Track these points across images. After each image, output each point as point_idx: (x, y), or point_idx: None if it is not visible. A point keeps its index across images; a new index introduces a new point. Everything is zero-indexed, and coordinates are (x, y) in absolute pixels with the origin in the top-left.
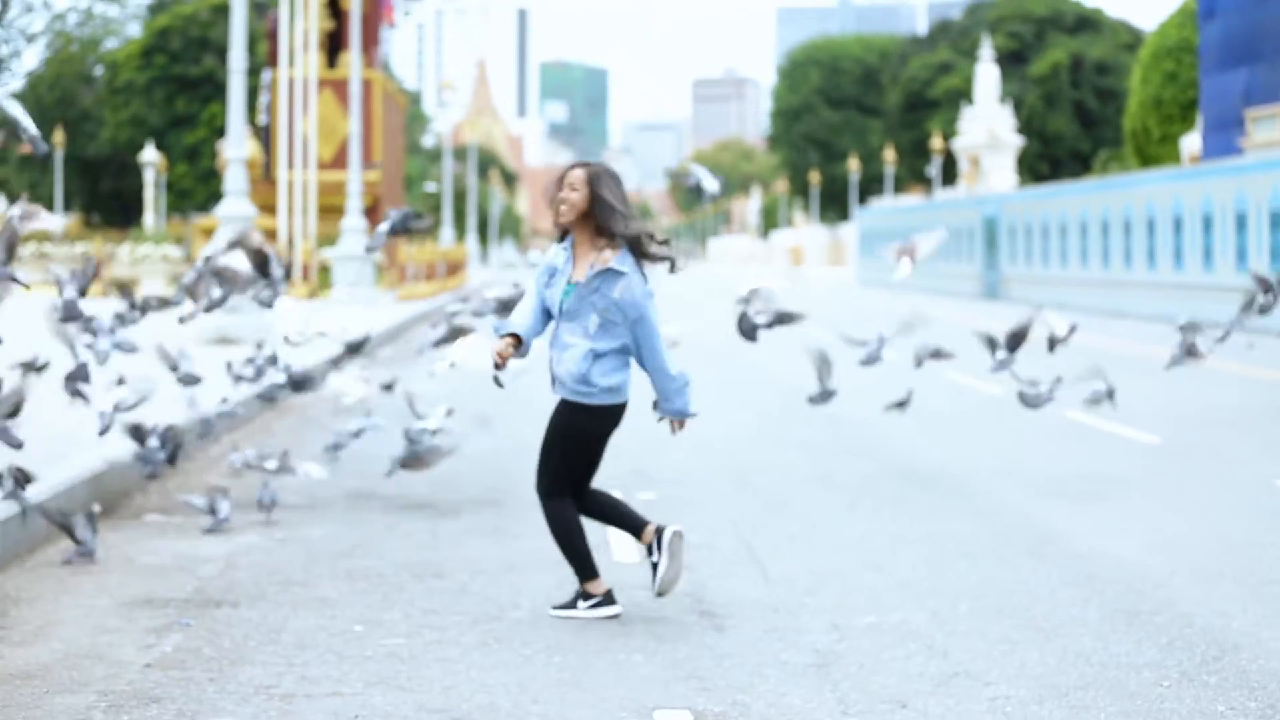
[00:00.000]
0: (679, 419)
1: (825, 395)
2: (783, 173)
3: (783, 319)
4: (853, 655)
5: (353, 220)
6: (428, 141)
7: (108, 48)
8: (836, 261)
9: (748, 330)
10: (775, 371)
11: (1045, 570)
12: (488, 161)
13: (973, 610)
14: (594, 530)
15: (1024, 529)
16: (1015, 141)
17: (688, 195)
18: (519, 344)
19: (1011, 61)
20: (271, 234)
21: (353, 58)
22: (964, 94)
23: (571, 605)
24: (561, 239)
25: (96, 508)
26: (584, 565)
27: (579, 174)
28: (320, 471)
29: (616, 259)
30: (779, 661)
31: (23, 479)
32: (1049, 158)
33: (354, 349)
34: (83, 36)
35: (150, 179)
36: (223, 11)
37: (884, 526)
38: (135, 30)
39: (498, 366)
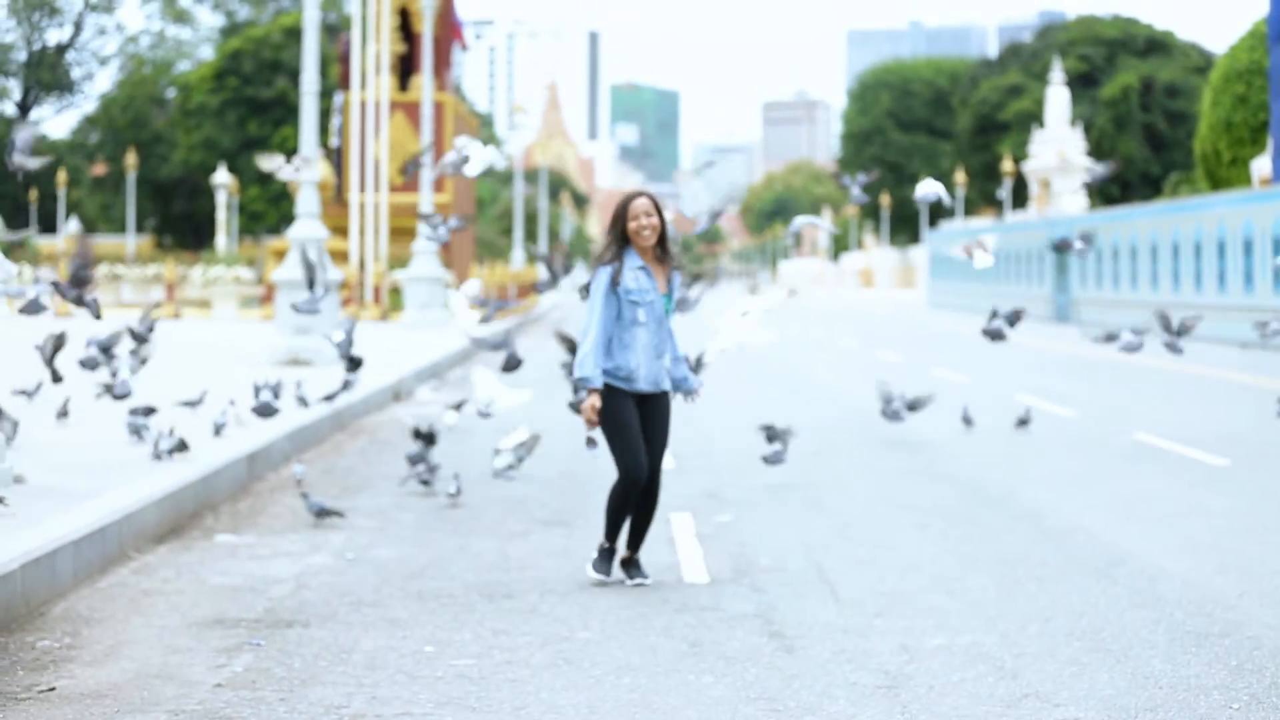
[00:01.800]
0: (695, 392)
1: (895, 414)
2: None
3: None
4: (922, 677)
5: (424, 243)
6: (499, 164)
7: (180, 70)
8: (907, 284)
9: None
10: (842, 391)
11: (1115, 592)
12: (559, 184)
13: (1042, 632)
14: (665, 551)
15: (1093, 551)
16: (1085, 164)
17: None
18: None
19: (1082, 84)
20: (343, 256)
21: (424, 80)
22: (1034, 117)
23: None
24: (608, 261)
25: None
26: None
27: (647, 202)
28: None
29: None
30: (849, 683)
31: None
32: (1119, 180)
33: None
34: (155, 59)
35: (222, 201)
36: (295, 34)
37: (954, 548)
38: (207, 53)
39: (592, 424)
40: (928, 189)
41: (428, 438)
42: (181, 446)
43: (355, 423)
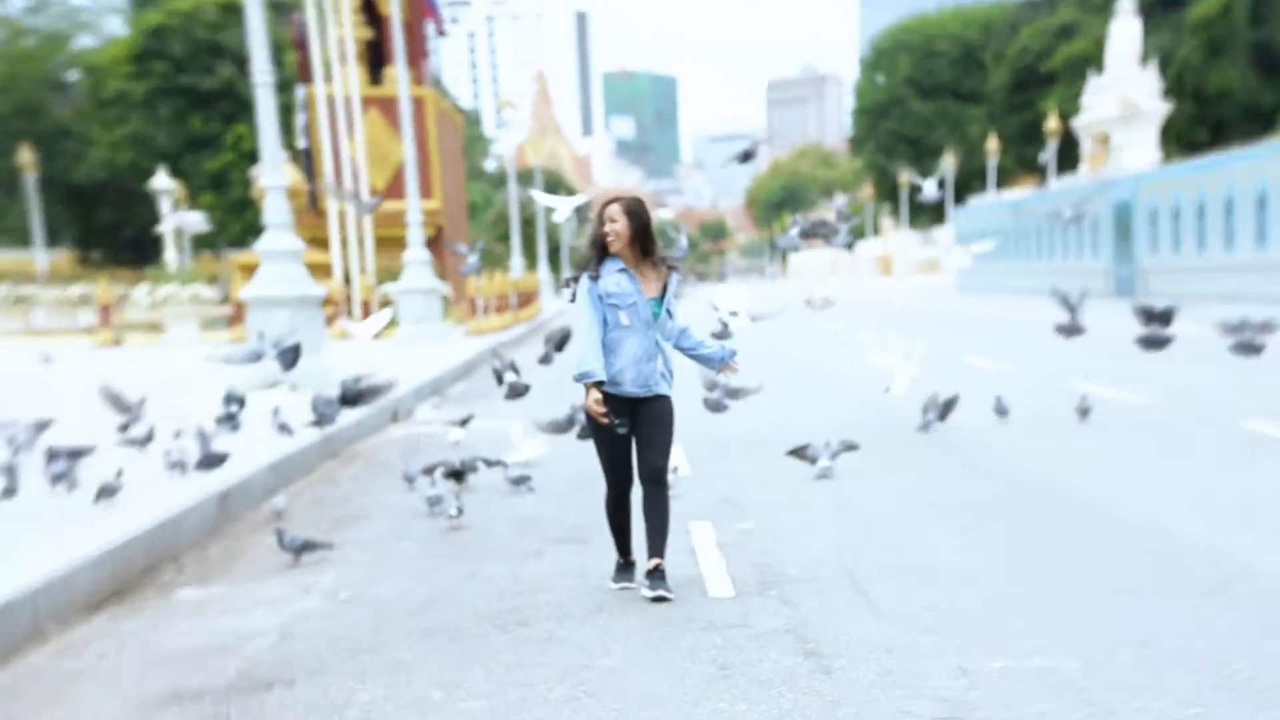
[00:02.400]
0: (732, 360)
1: (925, 424)
2: (867, 177)
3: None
4: (988, 706)
5: (415, 252)
6: (489, 165)
7: (81, 46)
8: (930, 269)
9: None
10: (864, 386)
11: (1235, 614)
12: (554, 184)
13: (1139, 659)
14: (687, 563)
15: (1198, 563)
16: (1159, 109)
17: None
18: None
19: (1160, 8)
20: (325, 269)
21: (399, 71)
22: (1091, 60)
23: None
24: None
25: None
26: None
27: (616, 208)
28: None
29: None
30: (900, 711)
31: None
32: (1211, 121)
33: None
34: (39, 29)
35: (167, 210)
36: (232, 11)
37: (1007, 554)
38: (116, 26)
39: (607, 419)
40: (930, 190)
41: (456, 474)
42: (213, 461)
43: (348, 448)
